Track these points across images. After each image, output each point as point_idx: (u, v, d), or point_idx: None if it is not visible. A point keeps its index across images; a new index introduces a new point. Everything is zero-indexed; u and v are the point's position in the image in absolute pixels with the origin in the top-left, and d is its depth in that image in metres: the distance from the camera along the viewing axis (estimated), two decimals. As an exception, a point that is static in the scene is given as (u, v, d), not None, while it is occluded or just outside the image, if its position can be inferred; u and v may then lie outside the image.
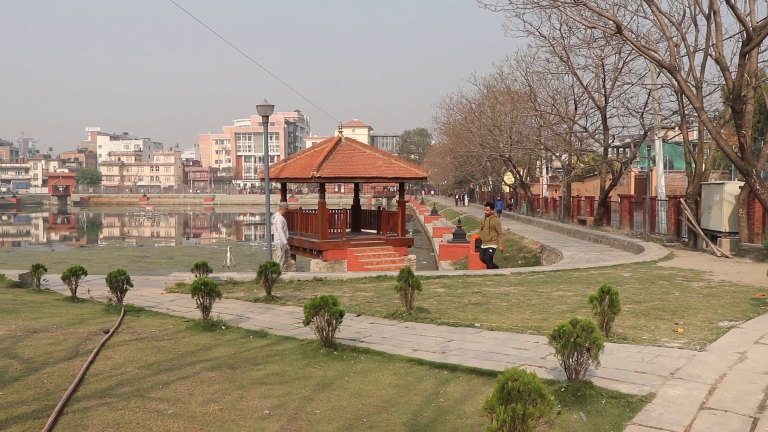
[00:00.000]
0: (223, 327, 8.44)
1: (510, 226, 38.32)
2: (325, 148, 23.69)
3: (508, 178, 61.52)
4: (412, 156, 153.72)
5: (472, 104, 54.23)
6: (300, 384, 5.93)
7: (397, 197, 25.62)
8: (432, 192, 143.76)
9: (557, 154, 42.35)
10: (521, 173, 51.84)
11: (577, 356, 5.43)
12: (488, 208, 18.68)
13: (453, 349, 7.25)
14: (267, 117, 19.21)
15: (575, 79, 33.33)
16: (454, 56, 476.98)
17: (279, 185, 27.02)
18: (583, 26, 23.73)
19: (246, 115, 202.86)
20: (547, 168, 56.78)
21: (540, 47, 36.37)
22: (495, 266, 17.89)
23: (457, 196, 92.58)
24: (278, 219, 19.66)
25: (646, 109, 29.21)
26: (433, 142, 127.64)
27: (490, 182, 72.64)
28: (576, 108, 36.35)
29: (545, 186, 55.79)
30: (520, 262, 24.88)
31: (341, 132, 24.96)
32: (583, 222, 36.07)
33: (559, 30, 30.15)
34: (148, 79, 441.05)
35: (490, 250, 17.96)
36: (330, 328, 7.03)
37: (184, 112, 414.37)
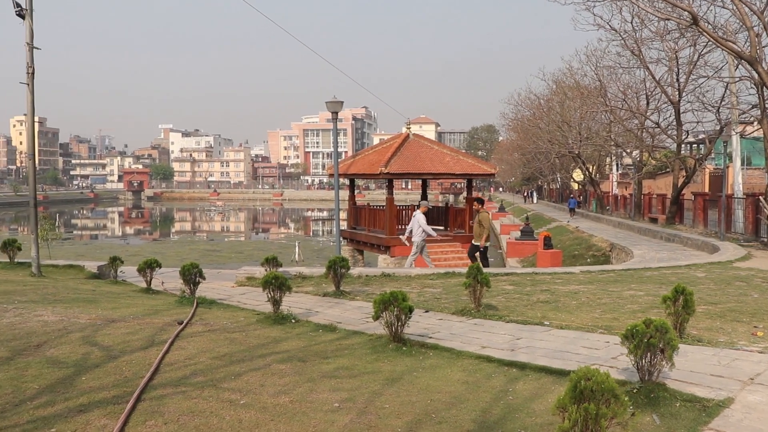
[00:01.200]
0: (293, 320, 8.56)
1: (579, 223, 37.74)
2: (393, 144, 23.75)
3: (577, 175, 60.52)
4: (480, 152, 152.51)
5: (541, 100, 53.58)
6: (369, 378, 5.97)
7: (464, 194, 25.52)
8: (500, 189, 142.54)
9: (628, 150, 41.43)
10: (590, 170, 50.93)
11: (651, 357, 5.31)
12: (476, 203, 18.58)
13: (522, 347, 7.19)
14: (336, 113, 19.34)
15: (647, 74, 32.53)
16: (522, 51, 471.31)
17: (347, 181, 27.23)
18: (656, 18, 23.15)
19: (314, 112, 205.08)
20: (617, 165, 55.64)
21: (611, 41, 35.69)
22: (486, 262, 17.68)
23: (525, 193, 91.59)
24: (421, 217, 19.60)
25: (723, 103, 28.27)
26: (500, 138, 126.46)
27: (559, 179, 71.66)
28: (648, 103, 35.47)
29: (615, 183, 54.70)
30: (589, 260, 24.48)
31: (409, 128, 24.98)
32: (654, 220, 35.25)
33: (631, 23, 29.48)
34: (219, 77, 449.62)
35: (480, 248, 17.84)
36: (399, 324, 7.06)
37: (254, 108, 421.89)
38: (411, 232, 18.94)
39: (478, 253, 17.94)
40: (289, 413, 5.03)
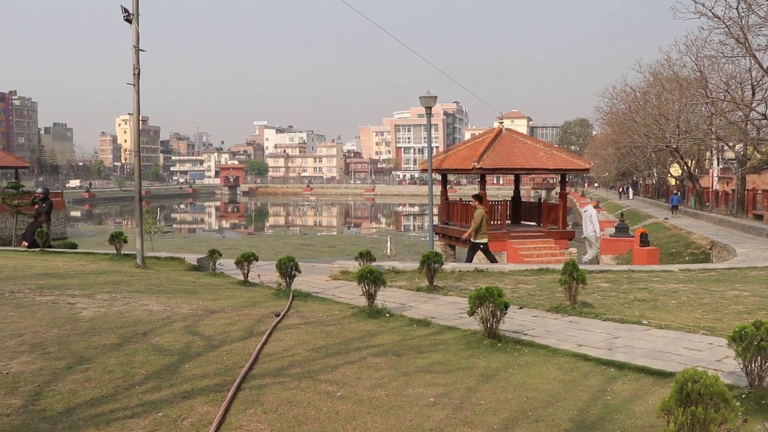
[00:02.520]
0: (387, 315, 8.62)
1: (676, 221, 36.51)
2: (485, 139, 23.58)
3: (675, 170, 58.51)
4: (572, 147, 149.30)
5: (637, 92, 52.01)
6: (464, 374, 5.96)
7: (557, 189, 25.09)
8: (595, 184, 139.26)
9: (730, 144, 39.69)
10: (689, 165, 49.11)
11: (761, 361, 5.08)
12: (473, 199, 18.42)
13: (619, 346, 7.03)
14: (430, 108, 19.34)
15: (754, 62, 30.86)
16: (617, 43, 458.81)
17: (439, 176, 27.18)
18: (765, 2, 22.06)
19: (405, 107, 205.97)
20: (717, 159, 53.44)
21: (713, 29, 33.99)
22: (470, 258, 17.36)
23: (620, 189, 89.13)
24: (592, 211, 19.28)
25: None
26: (594, 132, 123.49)
27: (655, 174, 69.49)
28: (753, 93, 33.81)
29: (715, 178, 52.59)
30: (687, 258, 23.65)
31: (501, 123, 24.71)
32: (759, 217, 33.70)
33: (736, 8, 28.12)
34: (312, 74, 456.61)
35: (480, 246, 17.70)
36: (494, 320, 7.01)
37: (346, 104, 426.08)
38: (594, 228, 18.52)
39: (479, 249, 17.78)
40: (385, 407, 5.08)
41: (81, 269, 13.53)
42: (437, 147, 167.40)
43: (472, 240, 17.89)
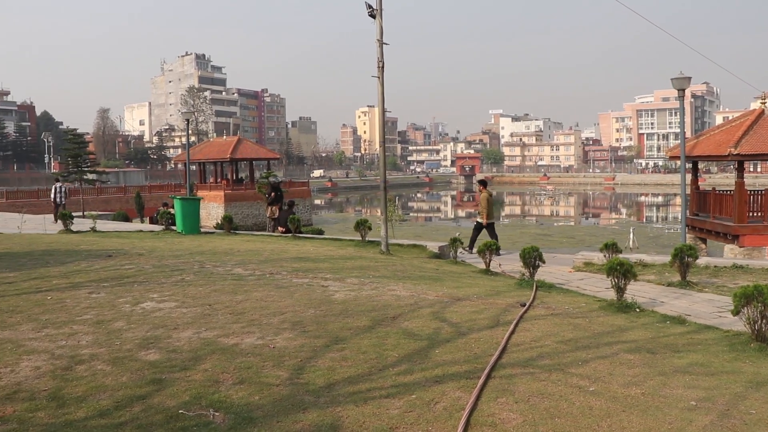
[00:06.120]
0: (637, 309, 8.24)
1: None
2: (743, 123, 21.70)
3: None
4: None
5: None
6: (728, 378, 5.51)
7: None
8: None
9: None
10: None
11: None
12: (478, 184, 18.63)
13: None
14: (683, 91, 18.23)
15: None
16: None
17: (689, 164, 25.50)
18: None
19: (648, 91, 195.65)
20: None
21: None
22: (494, 237, 17.05)
23: None
24: None
25: None
26: None
27: None
28: None
29: None
30: None
31: (763, 103, 22.57)
32: None
33: None
34: (548, 60, 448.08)
35: (477, 224, 17.99)
36: (763, 321, 6.41)
37: (584, 90, 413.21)
38: None
39: (485, 230, 17.89)
40: (641, 406, 4.84)
41: (330, 254, 14.40)
42: (685, 132, 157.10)
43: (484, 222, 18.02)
